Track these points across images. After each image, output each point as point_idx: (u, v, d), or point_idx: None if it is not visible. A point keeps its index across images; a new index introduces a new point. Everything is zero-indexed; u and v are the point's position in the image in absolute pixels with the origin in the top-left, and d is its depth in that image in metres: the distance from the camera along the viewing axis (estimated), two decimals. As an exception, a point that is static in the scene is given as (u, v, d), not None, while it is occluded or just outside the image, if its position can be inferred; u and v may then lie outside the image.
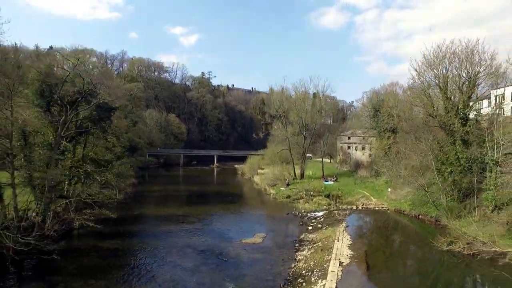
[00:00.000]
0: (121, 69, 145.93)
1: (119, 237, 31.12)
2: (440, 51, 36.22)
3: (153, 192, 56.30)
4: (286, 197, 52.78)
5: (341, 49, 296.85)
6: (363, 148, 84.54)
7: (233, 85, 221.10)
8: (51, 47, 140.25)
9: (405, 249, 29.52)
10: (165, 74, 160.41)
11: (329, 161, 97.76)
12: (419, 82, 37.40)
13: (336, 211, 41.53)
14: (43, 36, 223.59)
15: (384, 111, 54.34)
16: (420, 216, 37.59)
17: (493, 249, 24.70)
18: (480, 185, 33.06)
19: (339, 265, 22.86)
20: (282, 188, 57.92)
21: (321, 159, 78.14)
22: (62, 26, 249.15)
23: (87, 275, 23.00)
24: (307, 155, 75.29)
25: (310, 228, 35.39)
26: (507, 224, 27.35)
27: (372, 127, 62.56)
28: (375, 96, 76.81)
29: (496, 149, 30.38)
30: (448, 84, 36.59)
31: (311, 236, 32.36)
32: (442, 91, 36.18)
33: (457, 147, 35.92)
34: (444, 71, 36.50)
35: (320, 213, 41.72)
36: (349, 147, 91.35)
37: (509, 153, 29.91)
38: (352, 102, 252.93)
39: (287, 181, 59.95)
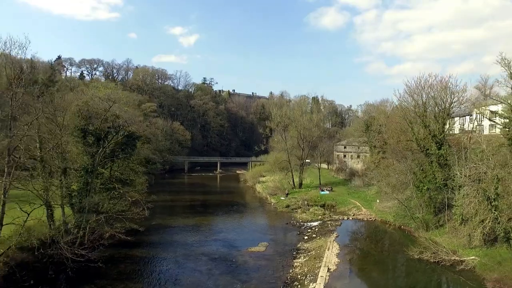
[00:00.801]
0: (126, 77, 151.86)
1: (144, 246, 36.81)
2: (420, 83, 41.94)
3: (164, 201, 61.67)
4: (286, 207, 58.45)
5: (340, 50, 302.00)
6: (358, 157, 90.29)
7: (234, 90, 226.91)
8: (59, 57, 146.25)
9: (385, 257, 35.12)
10: (168, 81, 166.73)
11: (326, 167, 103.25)
12: (401, 109, 43.02)
13: (329, 222, 47.16)
14: (44, 36, 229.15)
15: (374, 129, 60.01)
16: (402, 226, 43.26)
17: (453, 257, 30.39)
18: (451, 201, 38.71)
19: (327, 271, 28.51)
20: (282, 198, 63.60)
21: (319, 163, 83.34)
22: (62, 26, 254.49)
23: (125, 279, 28.69)
24: (306, 161, 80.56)
25: (306, 237, 41.07)
26: (468, 236, 32.95)
27: (364, 141, 68.19)
28: (368, 109, 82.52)
29: (463, 172, 35.98)
30: (426, 113, 42.24)
31: (306, 245, 38.04)
32: (421, 118, 41.82)
33: (434, 167, 41.55)
34: (422, 101, 42.19)
35: (315, 223, 47.39)
36: (344, 156, 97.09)
37: (473, 174, 35.45)
38: (350, 106, 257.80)
39: (286, 191, 65.62)
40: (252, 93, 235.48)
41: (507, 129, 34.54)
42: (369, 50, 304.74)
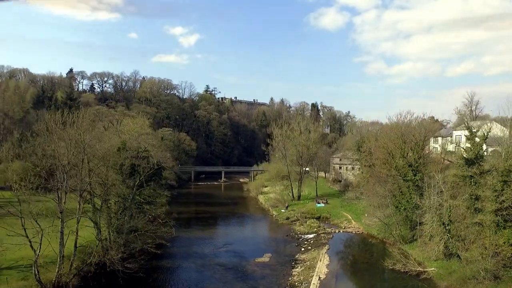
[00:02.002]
0: (134, 87, 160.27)
1: (169, 258, 44.81)
2: (399, 120, 49.94)
3: (179, 213, 68.97)
4: (286, 219, 66.47)
5: (340, 50, 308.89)
6: (353, 169, 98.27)
7: (236, 97, 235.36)
8: (71, 70, 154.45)
9: (366, 268, 43.10)
10: (173, 90, 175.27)
11: (324, 175, 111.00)
12: (384, 142, 51.10)
13: (323, 234, 55.19)
14: (43, 37, 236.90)
15: (364, 150, 67.98)
16: (384, 239, 51.28)
17: (418, 268, 38.42)
18: (422, 219, 46.68)
19: (318, 280, 36.53)
20: (282, 210, 71.64)
21: (316, 174, 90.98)
22: (62, 27, 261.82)
23: (160, 286, 36.71)
24: (305, 169, 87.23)
25: (302, 249, 49.11)
26: (433, 250, 40.93)
27: (356, 159, 76.20)
28: (362, 126, 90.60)
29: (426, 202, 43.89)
30: (405, 145, 50.22)
31: (303, 256, 46.07)
32: (400, 150, 49.82)
33: (410, 190, 49.54)
34: (401, 135, 50.20)
35: (311, 235, 55.42)
36: (340, 167, 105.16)
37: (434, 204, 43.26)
38: (349, 112, 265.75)
39: (286, 204, 73.66)
40: (254, 100, 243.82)
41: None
42: (369, 50, 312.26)
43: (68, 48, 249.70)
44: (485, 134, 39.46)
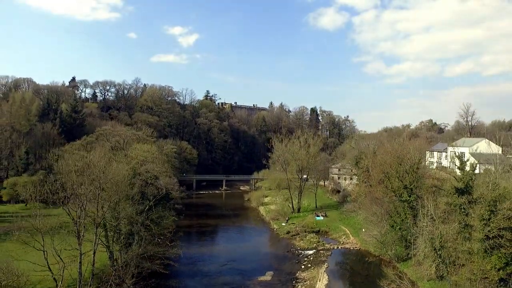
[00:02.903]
0: (136, 94, 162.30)
1: (177, 277, 47.10)
2: (395, 146, 52.34)
3: (181, 228, 71.37)
4: (287, 233, 68.89)
5: (339, 50, 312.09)
6: (351, 179, 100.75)
7: (236, 102, 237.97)
8: (73, 78, 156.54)
9: (362, 286, 45.62)
10: (174, 97, 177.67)
11: (323, 183, 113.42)
12: (381, 164, 53.56)
13: (322, 251, 57.66)
14: (43, 37, 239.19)
15: (362, 166, 70.44)
16: (380, 256, 53.78)
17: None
18: (417, 238, 49.15)
19: (318, 301, 39.00)
20: (283, 224, 74.09)
21: (316, 186, 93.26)
22: (62, 27, 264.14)
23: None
24: (304, 176, 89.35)
25: (303, 266, 51.52)
26: (426, 271, 43.42)
27: (354, 174, 78.68)
28: (360, 139, 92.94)
29: (424, 222, 46.43)
30: (400, 167, 52.64)
31: (303, 274, 48.51)
32: (396, 173, 52.24)
33: (405, 210, 52.04)
34: (397, 158, 52.63)
35: (311, 252, 57.89)
36: (339, 178, 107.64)
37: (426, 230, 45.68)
38: (347, 116, 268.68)
39: (287, 218, 76.12)
40: (253, 105, 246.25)
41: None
42: (368, 50, 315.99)
43: (68, 49, 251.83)
44: (474, 165, 41.71)
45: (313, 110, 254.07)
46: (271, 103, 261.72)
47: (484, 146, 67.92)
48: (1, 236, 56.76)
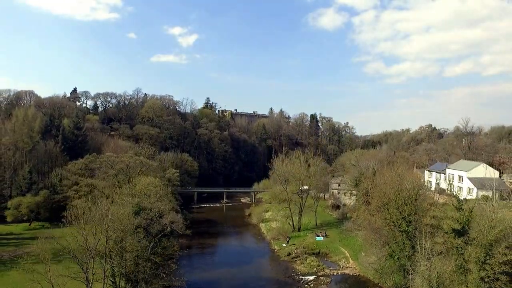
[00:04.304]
0: (136, 106, 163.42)
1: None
2: (393, 175, 53.43)
3: (183, 248, 72.49)
4: (287, 255, 69.91)
5: (339, 50, 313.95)
6: (351, 194, 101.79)
7: (236, 109, 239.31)
8: (75, 90, 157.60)
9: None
10: (175, 106, 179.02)
11: (323, 196, 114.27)
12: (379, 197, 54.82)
13: (322, 277, 58.70)
14: (43, 37, 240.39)
15: (361, 188, 71.57)
16: (379, 284, 54.87)
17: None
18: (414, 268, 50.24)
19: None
20: (283, 245, 75.11)
21: (316, 204, 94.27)
22: (62, 27, 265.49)
23: None
24: (304, 187, 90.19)
25: (303, 295, 52.61)
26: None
27: (354, 194, 79.82)
28: (360, 158, 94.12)
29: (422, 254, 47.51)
30: (399, 197, 53.74)
31: (304, 304, 49.58)
32: (395, 204, 53.33)
33: (404, 239, 53.13)
34: (396, 189, 53.74)
35: (311, 277, 58.94)
36: (339, 193, 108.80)
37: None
38: (347, 123, 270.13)
39: (287, 239, 77.16)
40: (254, 112, 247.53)
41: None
42: (368, 50, 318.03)
43: (68, 49, 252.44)
44: (471, 208, 42.67)
45: (313, 117, 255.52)
46: (271, 109, 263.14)
47: (482, 170, 69.04)
48: (7, 263, 57.71)
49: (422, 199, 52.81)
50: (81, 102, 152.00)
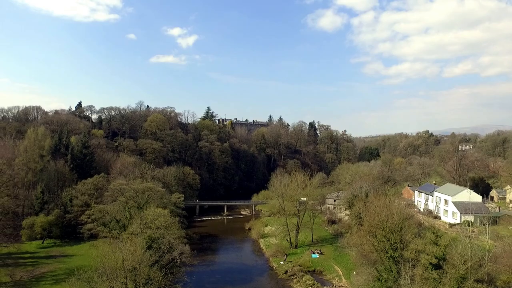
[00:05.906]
0: (140, 119, 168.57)
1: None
2: (381, 204, 58.61)
3: (187, 266, 77.43)
4: (285, 273, 75.05)
5: (338, 50, 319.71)
6: (346, 209, 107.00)
7: (236, 118, 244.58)
8: (79, 104, 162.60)
9: None
10: (177, 117, 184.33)
11: (320, 208, 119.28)
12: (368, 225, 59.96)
13: (317, 297, 63.86)
14: (43, 37, 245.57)
15: (354, 211, 76.72)
16: (369, 304, 59.96)
17: None
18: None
19: None
20: (281, 262, 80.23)
21: (312, 221, 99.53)
22: (61, 27, 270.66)
23: None
24: (302, 199, 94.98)
25: (299, 316, 57.70)
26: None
27: (347, 214, 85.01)
28: (355, 177, 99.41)
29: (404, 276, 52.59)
30: (386, 224, 58.91)
31: (299, 325, 54.67)
32: (382, 231, 58.50)
33: (391, 263, 58.30)
34: (384, 218, 58.89)
35: (307, 297, 64.07)
36: (334, 208, 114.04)
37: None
38: (345, 131, 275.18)
39: (285, 257, 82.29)
40: (253, 120, 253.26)
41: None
42: (367, 51, 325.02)
43: (68, 49, 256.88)
44: (447, 242, 47.79)
45: (311, 125, 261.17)
46: (270, 117, 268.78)
47: (466, 195, 74.26)
48: (27, 284, 62.43)
49: (407, 229, 57.76)
50: (87, 117, 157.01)
